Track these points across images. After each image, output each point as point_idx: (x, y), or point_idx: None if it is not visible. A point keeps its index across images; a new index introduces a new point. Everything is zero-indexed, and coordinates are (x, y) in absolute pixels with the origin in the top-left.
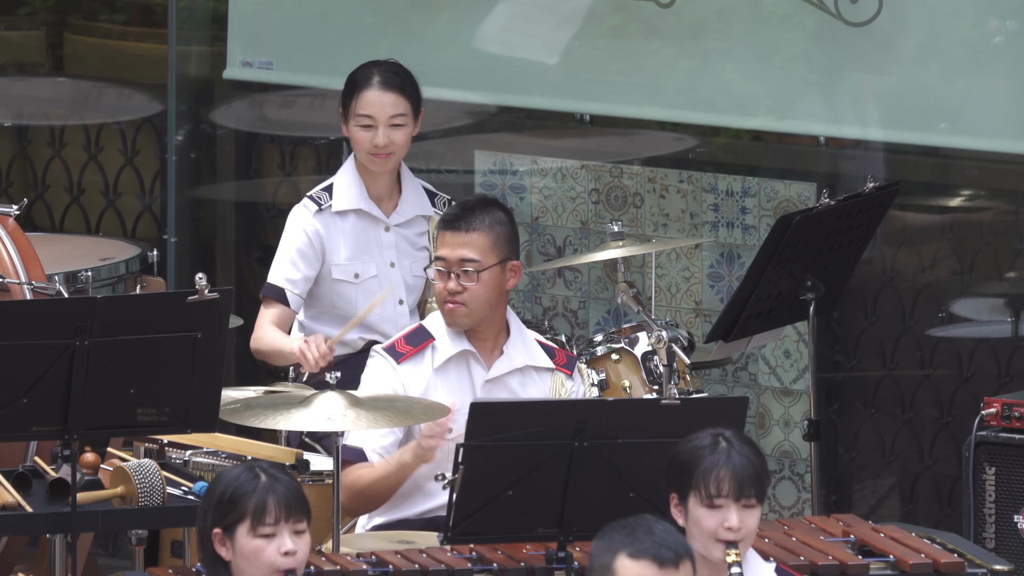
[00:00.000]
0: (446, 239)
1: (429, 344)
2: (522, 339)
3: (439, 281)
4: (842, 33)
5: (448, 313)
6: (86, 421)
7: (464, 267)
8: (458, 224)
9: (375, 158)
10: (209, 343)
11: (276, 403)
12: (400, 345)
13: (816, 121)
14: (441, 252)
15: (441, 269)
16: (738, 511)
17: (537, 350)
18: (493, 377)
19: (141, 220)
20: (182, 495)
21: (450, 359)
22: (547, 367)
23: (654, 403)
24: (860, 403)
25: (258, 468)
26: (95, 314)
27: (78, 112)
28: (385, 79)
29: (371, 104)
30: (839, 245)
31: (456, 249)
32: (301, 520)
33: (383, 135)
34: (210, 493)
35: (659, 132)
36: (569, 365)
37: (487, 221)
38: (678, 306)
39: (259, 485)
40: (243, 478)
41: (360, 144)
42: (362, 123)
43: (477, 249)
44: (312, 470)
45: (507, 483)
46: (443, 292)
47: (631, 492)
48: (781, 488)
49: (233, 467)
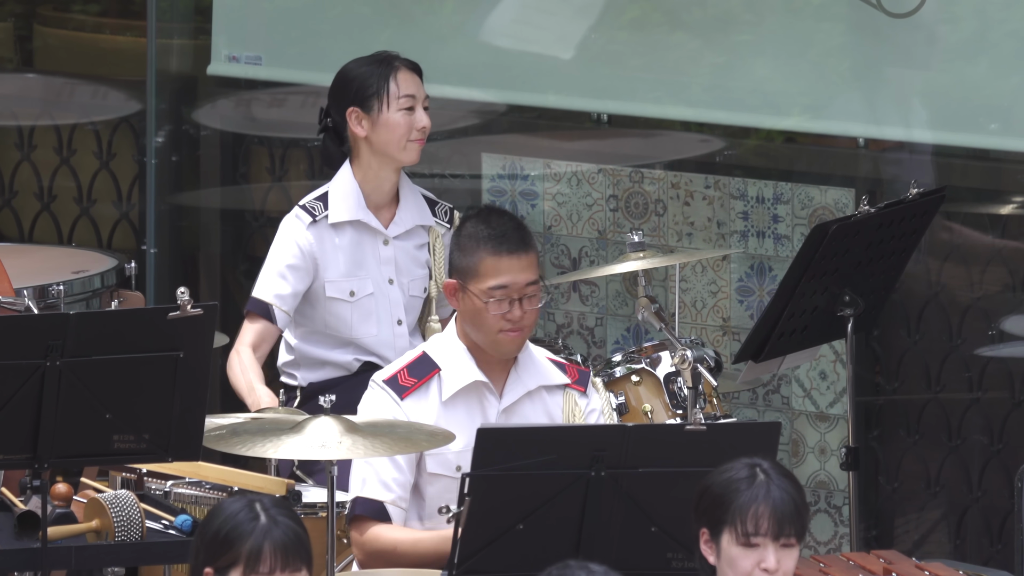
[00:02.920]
0: (505, 264)
1: (435, 375)
2: (531, 357)
3: (499, 310)
4: (883, 25)
5: (508, 343)
6: (58, 448)
7: (529, 291)
8: (519, 245)
9: (416, 144)
10: (192, 363)
11: (265, 429)
12: (403, 378)
13: (855, 121)
14: (502, 279)
15: (502, 298)
16: (776, 551)
17: (547, 367)
18: (508, 406)
19: (118, 229)
20: (162, 529)
21: (458, 391)
22: (559, 384)
23: (678, 429)
24: (903, 429)
25: (259, 506)
26: (67, 332)
27: (49, 111)
28: (406, 63)
29: (410, 83)
30: (880, 256)
31: (519, 273)
32: (300, 568)
33: (425, 116)
34: (205, 527)
35: (683, 133)
36: (582, 381)
37: (529, 233)
38: (704, 323)
39: (257, 527)
40: (241, 516)
41: (401, 131)
42: (406, 105)
43: (536, 268)
44: (305, 502)
45: (517, 516)
46: (500, 321)
47: (653, 526)
48: (817, 522)
49: (234, 500)
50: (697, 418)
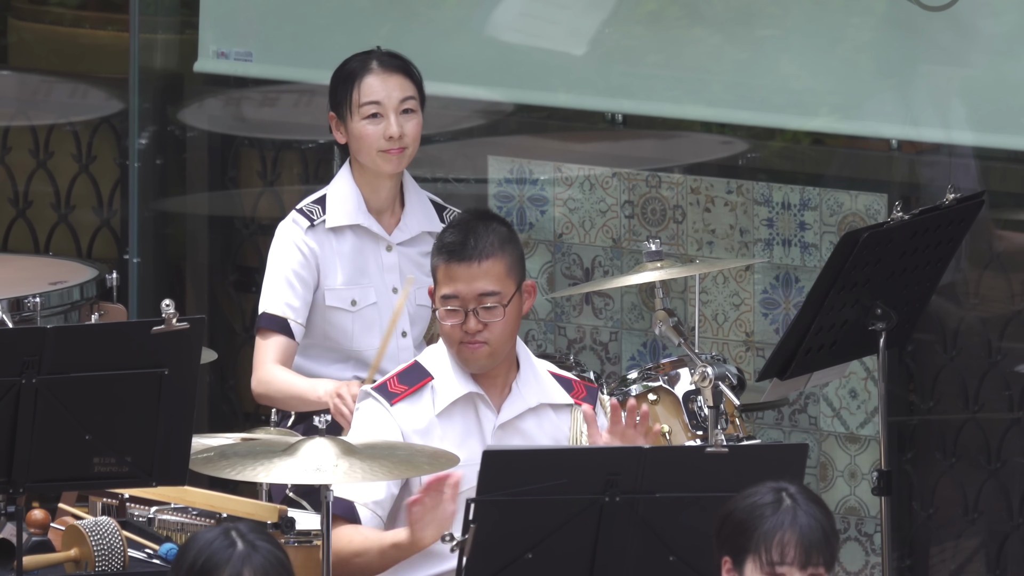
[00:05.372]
0: (454, 272)
1: (427, 383)
2: (533, 373)
3: (450, 320)
4: (918, 18)
5: (468, 356)
6: (34, 472)
7: (484, 302)
8: (466, 252)
9: (389, 155)
10: (178, 381)
11: (256, 452)
12: (393, 384)
13: (887, 122)
14: (450, 288)
15: (454, 308)
16: None
17: (551, 384)
18: (505, 421)
19: (98, 237)
20: (146, 559)
21: (454, 403)
22: (564, 403)
23: (698, 451)
24: (939, 451)
25: (235, 532)
26: (44, 347)
27: (24, 111)
28: (384, 62)
29: (375, 89)
30: (914, 267)
31: (471, 283)
32: None
33: (395, 124)
34: (180, 560)
35: (704, 134)
36: (590, 398)
37: (496, 241)
38: (726, 338)
39: (234, 555)
40: (216, 544)
41: (368, 141)
42: (368, 113)
43: (494, 279)
44: (298, 530)
45: (526, 545)
46: (457, 332)
47: (671, 555)
48: (847, 550)
49: (207, 530)
50: (718, 439)
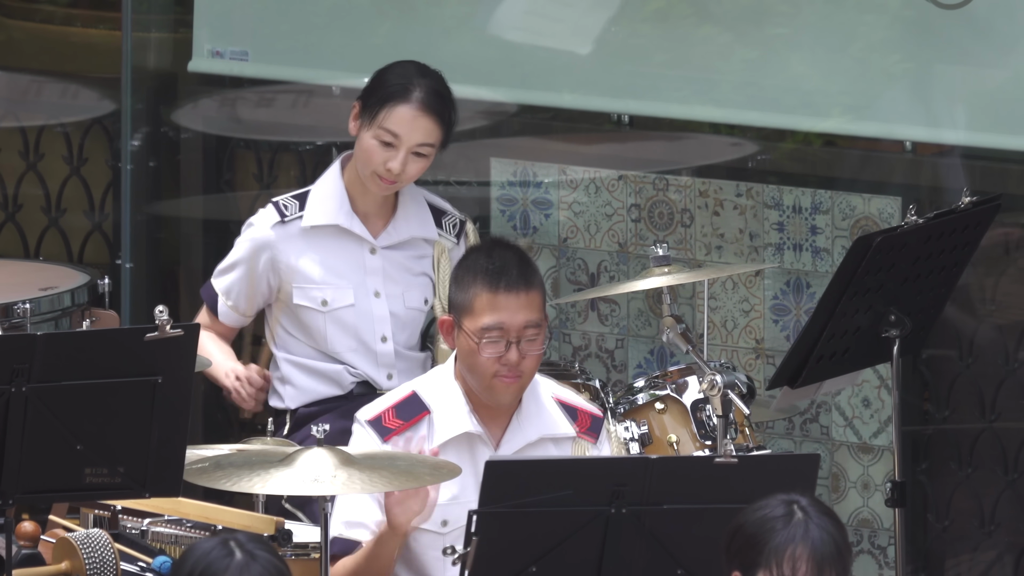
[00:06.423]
0: (500, 302)
1: (424, 417)
2: (536, 403)
3: (491, 351)
4: (933, 17)
5: (503, 390)
6: (24, 483)
7: (527, 334)
8: (518, 282)
9: (381, 181)
10: (171, 389)
11: (252, 462)
12: (388, 419)
13: (901, 123)
14: (494, 318)
15: (497, 339)
16: None
17: (554, 415)
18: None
19: (89, 242)
20: (139, 572)
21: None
22: (567, 435)
23: (706, 462)
24: (954, 462)
25: (233, 543)
26: (34, 355)
27: (14, 112)
28: (428, 99)
29: (401, 123)
30: (928, 272)
31: (517, 313)
32: None
33: (400, 161)
34: (178, 570)
35: (712, 136)
36: (594, 429)
37: (533, 269)
38: (735, 345)
39: (232, 564)
40: (214, 555)
41: (370, 158)
42: (383, 139)
43: (538, 308)
44: (295, 542)
45: (530, 557)
46: (493, 365)
47: (679, 569)
48: (860, 564)
49: (205, 540)
50: (728, 450)
